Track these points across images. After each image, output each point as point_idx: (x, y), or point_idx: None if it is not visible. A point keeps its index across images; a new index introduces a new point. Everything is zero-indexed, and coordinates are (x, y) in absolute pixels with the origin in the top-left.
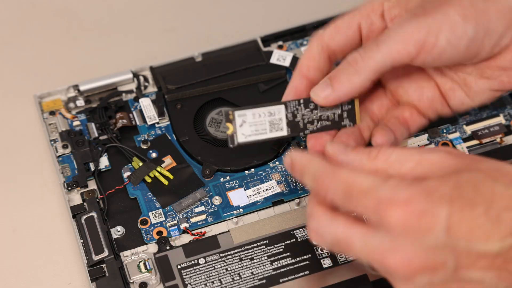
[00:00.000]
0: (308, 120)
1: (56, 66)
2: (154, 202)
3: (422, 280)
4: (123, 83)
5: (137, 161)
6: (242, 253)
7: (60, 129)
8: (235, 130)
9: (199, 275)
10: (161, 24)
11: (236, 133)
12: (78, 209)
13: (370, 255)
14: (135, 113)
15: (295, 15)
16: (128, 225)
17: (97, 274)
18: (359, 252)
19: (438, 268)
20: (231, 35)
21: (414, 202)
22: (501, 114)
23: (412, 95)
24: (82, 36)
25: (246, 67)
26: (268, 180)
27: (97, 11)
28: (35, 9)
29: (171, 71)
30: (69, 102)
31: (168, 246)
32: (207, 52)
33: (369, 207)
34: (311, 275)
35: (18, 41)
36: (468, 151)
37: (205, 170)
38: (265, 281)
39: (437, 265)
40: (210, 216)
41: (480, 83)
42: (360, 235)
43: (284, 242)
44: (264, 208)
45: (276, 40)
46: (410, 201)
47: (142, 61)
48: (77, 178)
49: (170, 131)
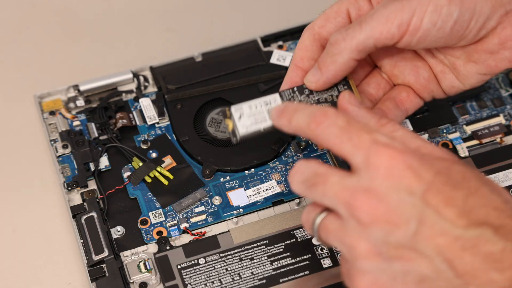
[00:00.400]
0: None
1: (56, 66)
2: (154, 202)
3: (379, 233)
4: (123, 83)
5: (137, 161)
6: (242, 253)
7: (60, 129)
8: (235, 124)
9: (199, 275)
10: (161, 24)
11: (236, 126)
12: (78, 209)
13: (342, 193)
14: (135, 113)
15: (295, 15)
16: (128, 225)
17: (97, 274)
18: (331, 187)
19: (399, 225)
20: (231, 35)
21: (407, 155)
22: (501, 114)
23: (408, 75)
24: (82, 36)
25: (246, 67)
26: (268, 180)
27: (97, 11)
28: (35, 9)
29: (171, 71)
30: (69, 102)
31: (168, 246)
32: (207, 52)
33: (363, 143)
34: (311, 275)
35: (18, 41)
36: (468, 151)
37: (205, 170)
38: (265, 281)
39: (400, 221)
40: (210, 216)
41: (468, 67)
42: (339, 173)
43: (284, 242)
44: (264, 208)
45: (276, 40)
46: (404, 152)
47: (142, 61)
48: (77, 178)
49: (170, 131)
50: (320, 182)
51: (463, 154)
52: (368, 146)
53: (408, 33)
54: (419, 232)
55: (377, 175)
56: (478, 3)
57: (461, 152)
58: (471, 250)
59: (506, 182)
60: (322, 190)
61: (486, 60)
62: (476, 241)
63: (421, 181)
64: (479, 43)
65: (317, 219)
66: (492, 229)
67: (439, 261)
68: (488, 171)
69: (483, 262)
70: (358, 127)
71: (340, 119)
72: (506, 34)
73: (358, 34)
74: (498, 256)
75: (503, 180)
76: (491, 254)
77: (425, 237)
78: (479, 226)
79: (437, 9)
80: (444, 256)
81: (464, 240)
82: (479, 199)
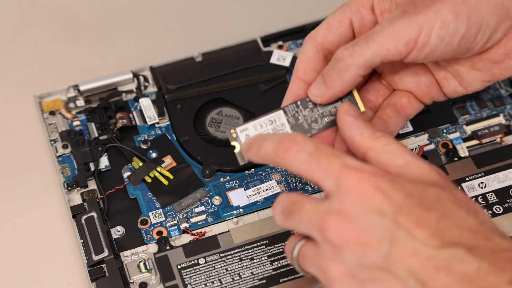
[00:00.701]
0: (312, 120)
1: (56, 66)
2: (154, 202)
3: (351, 255)
4: (123, 83)
5: (137, 161)
6: (242, 253)
7: (60, 129)
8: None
9: (199, 275)
10: (161, 24)
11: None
12: (78, 209)
13: (315, 218)
14: (135, 113)
15: (295, 15)
16: (128, 225)
17: (97, 274)
18: (305, 213)
19: (371, 247)
20: (231, 35)
21: (377, 177)
22: (501, 114)
23: (409, 82)
24: (82, 36)
25: (246, 67)
26: (268, 180)
27: (97, 11)
28: (35, 9)
29: (171, 71)
30: (69, 102)
31: (168, 246)
32: (207, 52)
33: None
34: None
35: (18, 41)
36: (468, 151)
37: (205, 170)
38: (265, 281)
39: (371, 243)
40: (210, 216)
41: (472, 74)
42: (313, 200)
43: (284, 242)
44: (264, 208)
45: (276, 40)
46: (374, 175)
47: (142, 61)
48: (77, 178)
49: (170, 131)
50: (296, 210)
51: (463, 154)
52: (338, 170)
53: (415, 49)
54: (391, 253)
55: (348, 198)
56: (484, 17)
57: (461, 152)
58: (445, 270)
59: (506, 182)
60: (298, 218)
61: (490, 69)
62: (449, 261)
63: (392, 203)
64: (484, 53)
65: (295, 247)
66: (466, 249)
67: (412, 282)
68: (488, 171)
69: (458, 282)
70: (327, 152)
71: (309, 145)
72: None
73: (365, 51)
74: (473, 276)
75: (503, 180)
76: (466, 274)
77: (398, 258)
78: (451, 246)
79: (444, 25)
80: (417, 276)
81: (437, 260)
82: (452, 221)
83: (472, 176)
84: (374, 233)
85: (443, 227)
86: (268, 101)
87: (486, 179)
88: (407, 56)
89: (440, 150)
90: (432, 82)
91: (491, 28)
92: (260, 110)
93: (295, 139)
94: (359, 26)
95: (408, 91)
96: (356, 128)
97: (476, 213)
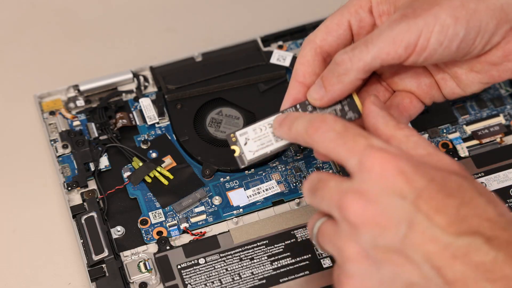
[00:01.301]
0: None
1: (56, 66)
2: (154, 202)
3: (369, 236)
4: (123, 83)
5: (137, 161)
6: (242, 253)
7: (60, 129)
8: (242, 150)
9: (199, 275)
10: (161, 24)
11: (243, 152)
12: (78, 209)
13: (335, 195)
14: (135, 113)
15: (295, 15)
16: (128, 225)
17: (97, 274)
18: (328, 191)
19: (389, 228)
20: (231, 35)
21: (401, 160)
22: (501, 114)
23: (410, 82)
24: (82, 36)
25: (246, 67)
26: (268, 180)
27: (97, 11)
28: (35, 9)
29: (171, 71)
30: (69, 102)
31: (168, 246)
32: (207, 52)
33: (358, 147)
34: (311, 275)
35: (18, 41)
36: (468, 151)
37: (205, 170)
38: (265, 281)
39: (389, 224)
40: (210, 216)
41: (470, 76)
42: (338, 179)
43: (284, 242)
44: (264, 208)
45: (276, 40)
46: (398, 157)
47: (142, 61)
48: (77, 178)
49: (170, 131)
50: (320, 187)
51: (463, 154)
52: (362, 150)
53: (414, 53)
54: (408, 237)
55: (369, 177)
56: (483, 21)
57: (461, 152)
58: (462, 258)
59: (506, 182)
60: (321, 195)
61: (489, 71)
62: (466, 249)
63: (413, 187)
64: (483, 56)
65: (316, 224)
66: (484, 238)
67: (427, 268)
68: (488, 171)
69: (474, 271)
70: (355, 132)
71: (338, 124)
72: (511, 48)
73: (365, 55)
74: (489, 266)
75: (503, 180)
76: (482, 263)
77: (415, 242)
78: (470, 235)
79: (443, 29)
80: (432, 263)
81: (454, 248)
82: (472, 209)
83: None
84: (393, 215)
85: (462, 215)
86: (268, 101)
87: (486, 179)
88: (407, 59)
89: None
90: (432, 81)
91: (489, 32)
92: (260, 110)
93: (326, 119)
94: (357, 28)
95: (409, 92)
96: (381, 118)
97: (496, 204)
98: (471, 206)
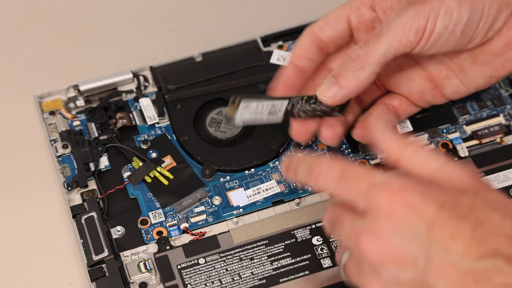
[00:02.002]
0: (302, 110)
1: (56, 66)
2: (154, 202)
3: (389, 274)
4: (123, 83)
5: (137, 161)
6: (242, 253)
7: (60, 129)
8: (235, 115)
9: (199, 275)
10: (161, 24)
11: (235, 118)
12: (78, 209)
13: (351, 236)
14: (135, 113)
15: (295, 15)
16: (128, 225)
17: (97, 274)
18: (345, 230)
19: (407, 264)
20: (231, 35)
21: (406, 192)
22: (501, 114)
23: (403, 87)
24: (82, 36)
25: (246, 67)
26: (268, 180)
27: (97, 11)
28: (35, 9)
29: (171, 71)
30: (69, 102)
31: (168, 246)
32: (207, 52)
33: (362, 189)
34: (311, 275)
35: (18, 41)
36: (468, 151)
37: (205, 170)
38: (265, 281)
39: (407, 260)
40: (210, 216)
41: (474, 69)
42: (352, 217)
43: (284, 242)
44: (264, 208)
45: (276, 40)
46: (403, 190)
47: (142, 61)
48: (77, 178)
49: (170, 131)
50: (337, 227)
51: (463, 154)
52: (366, 191)
53: (423, 38)
54: (428, 269)
55: (379, 217)
56: (485, 4)
57: (461, 152)
58: (485, 282)
59: (506, 182)
60: (339, 233)
61: (492, 61)
62: (488, 272)
63: (423, 217)
64: (485, 45)
65: (343, 258)
66: (505, 259)
67: None
68: (488, 171)
69: None
70: (354, 173)
71: (335, 169)
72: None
73: (379, 47)
74: None
75: (503, 180)
76: (506, 285)
77: (436, 272)
78: (490, 257)
79: (448, 12)
80: None
81: (476, 272)
82: (488, 228)
83: None
84: (408, 251)
85: (479, 236)
86: None
87: (486, 179)
88: (417, 45)
89: (440, 150)
90: (425, 87)
91: (491, 16)
92: None
93: (321, 165)
94: (357, 23)
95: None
96: (387, 137)
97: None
98: (486, 226)
